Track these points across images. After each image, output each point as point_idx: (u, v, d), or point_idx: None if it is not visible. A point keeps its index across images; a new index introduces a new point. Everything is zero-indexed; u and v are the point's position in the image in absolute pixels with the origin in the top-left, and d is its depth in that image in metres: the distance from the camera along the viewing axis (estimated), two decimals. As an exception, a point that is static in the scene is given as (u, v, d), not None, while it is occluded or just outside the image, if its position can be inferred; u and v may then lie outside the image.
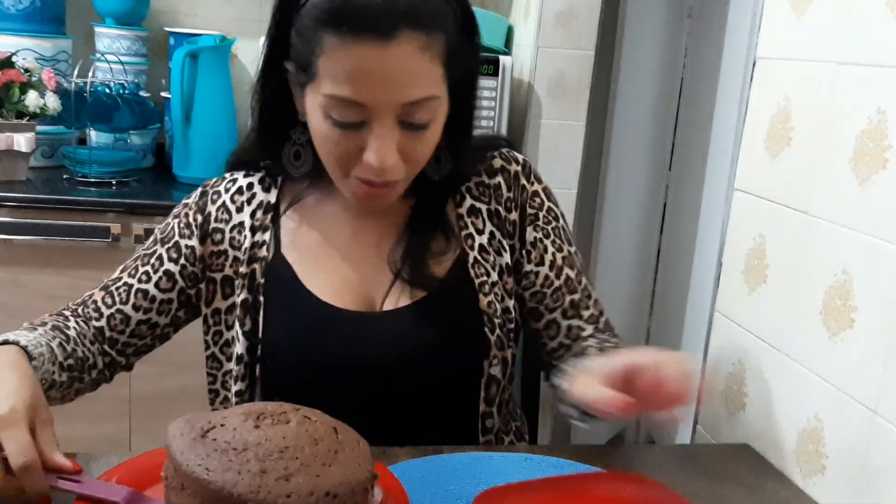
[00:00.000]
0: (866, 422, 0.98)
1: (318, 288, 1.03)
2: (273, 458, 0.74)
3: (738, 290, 1.25)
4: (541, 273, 1.10)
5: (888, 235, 0.96)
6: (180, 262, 1.06)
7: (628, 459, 1.07)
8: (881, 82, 0.98)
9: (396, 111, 0.90)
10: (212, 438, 0.75)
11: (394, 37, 0.86)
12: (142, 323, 1.06)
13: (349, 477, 0.75)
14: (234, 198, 1.08)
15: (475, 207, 1.08)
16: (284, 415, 0.79)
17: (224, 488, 0.71)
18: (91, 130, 2.23)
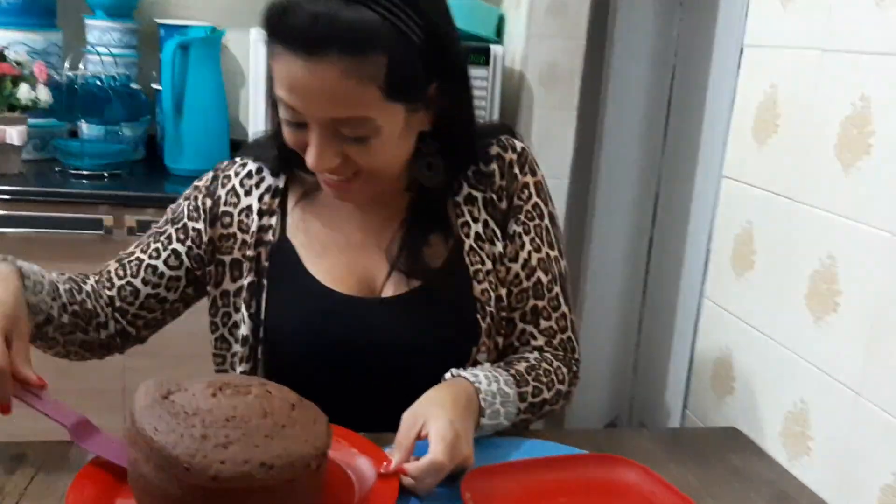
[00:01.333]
0: (850, 404, 0.99)
1: (321, 273, 1.06)
2: (217, 426, 0.77)
3: (726, 276, 1.27)
4: (512, 269, 1.09)
5: (872, 220, 0.97)
6: (187, 244, 1.09)
7: (618, 443, 1.08)
8: (864, 69, 1.00)
9: (327, 124, 0.92)
10: (171, 401, 0.80)
11: (319, 57, 0.87)
12: (150, 297, 1.09)
13: (289, 451, 0.78)
14: (244, 181, 1.10)
15: (472, 196, 1.09)
16: (247, 388, 0.82)
17: (165, 448, 0.75)
18: (82, 123, 2.23)
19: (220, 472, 0.75)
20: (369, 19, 0.87)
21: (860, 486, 0.97)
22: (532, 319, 1.10)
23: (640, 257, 2.42)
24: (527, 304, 1.09)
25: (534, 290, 1.09)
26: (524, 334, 1.10)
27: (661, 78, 2.35)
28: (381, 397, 1.02)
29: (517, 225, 1.09)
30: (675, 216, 2.26)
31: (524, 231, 1.09)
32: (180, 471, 0.75)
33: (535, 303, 1.09)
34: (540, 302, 1.09)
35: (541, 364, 1.07)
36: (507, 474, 0.93)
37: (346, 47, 0.87)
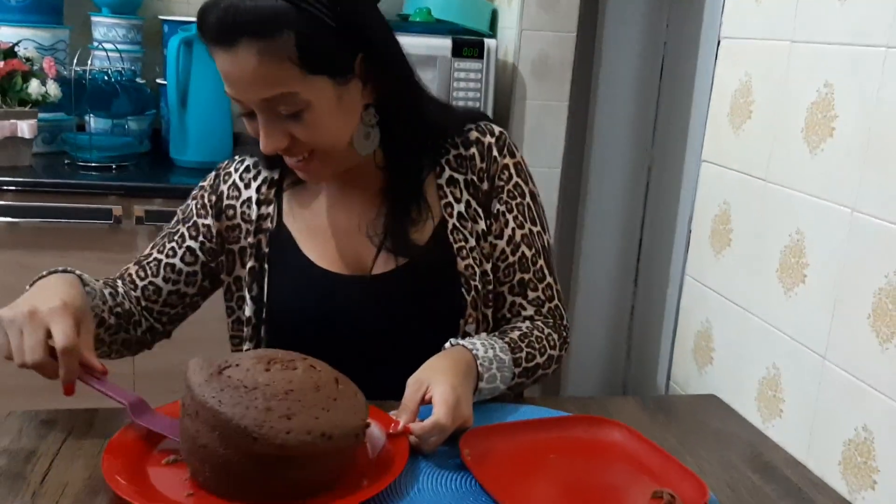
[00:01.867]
0: (817, 367, 1.08)
1: (315, 255, 1.14)
2: (278, 399, 0.84)
3: (706, 254, 1.35)
4: (498, 246, 1.17)
5: (835, 198, 1.05)
6: (199, 240, 1.18)
7: (605, 410, 1.16)
8: (828, 58, 1.08)
9: (261, 106, 1.00)
10: (227, 376, 0.86)
11: (235, 46, 0.96)
12: (172, 293, 1.18)
13: (344, 422, 0.86)
14: (243, 175, 1.19)
15: (454, 178, 1.17)
16: (292, 362, 0.89)
17: (233, 419, 0.82)
18: (90, 117, 2.30)
19: (287, 441, 0.81)
20: (271, 4, 0.96)
21: (826, 442, 1.06)
22: (520, 291, 1.18)
23: (632, 243, 2.50)
24: (514, 278, 1.18)
25: (519, 264, 1.17)
26: (514, 306, 1.19)
27: (651, 69, 2.42)
28: (376, 368, 1.10)
29: (500, 204, 1.17)
30: (665, 201, 2.34)
31: (507, 210, 1.17)
32: (248, 440, 0.81)
33: (522, 276, 1.18)
34: (526, 275, 1.18)
35: (532, 332, 1.15)
36: (502, 434, 1.02)
37: (255, 31, 0.96)
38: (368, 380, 1.07)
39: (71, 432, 1.01)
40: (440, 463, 0.96)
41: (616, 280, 2.49)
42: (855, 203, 1.02)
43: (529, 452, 0.99)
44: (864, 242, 1.00)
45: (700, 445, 1.10)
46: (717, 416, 1.22)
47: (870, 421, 0.98)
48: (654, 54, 2.41)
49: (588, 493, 0.93)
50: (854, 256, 1.02)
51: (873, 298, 0.98)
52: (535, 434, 1.03)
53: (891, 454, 0.95)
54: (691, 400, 1.30)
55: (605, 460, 1.00)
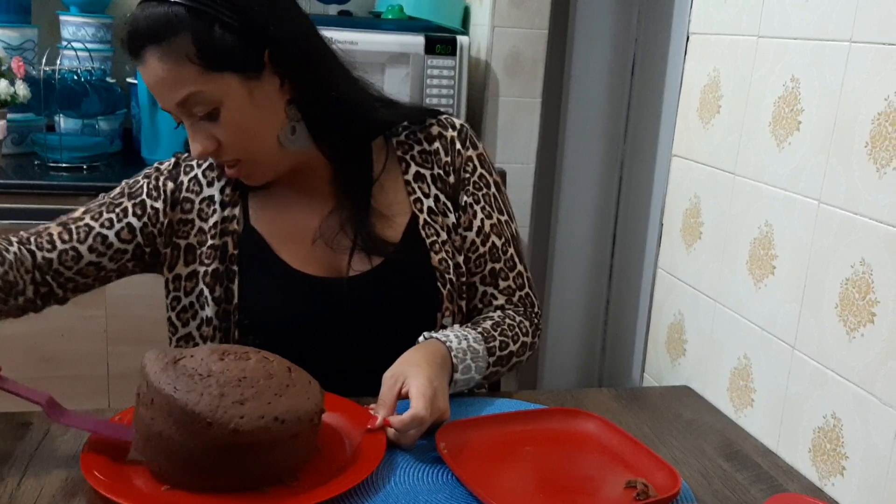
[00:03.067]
0: (786, 356, 1.10)
1: (289, 257, 1.13)
2: (231, 386, 0.86)
3: (678, 247, 1.37)
4: (468, 238, 1.19)
5: (802, 190, 1.07)
6: (143, 220, 1.13)
7: (580, 402, 1.17)
8: (794, 53, 1.10)
9: (179, 111, 1.04)
10: (182, 365, 0.88)
11: (142, 56, 1.02)
12: (91, 264, 1.12)
13: (297, 406, 0.88)
14: (206, 172, 1.17)
15: (420, 174, 1.18)
16: (246, 353, 0.91)
17: (188, 405, 0.83)
18: (59, 117, 2.28)
19: (240, 426, 0.83)
20: (165, 11, 1.00)
21: (796, 430, 1.08)
22: (491, 281, 1.20)
23: (605, 237, 2.52)
24: (485, 268, 1.20)
25: (490, 254, 1.19)
26: (486, 296, 1.20)
27: (622, 65, 2.44)
28: (356, 367, 1.10)
29: (467, 196, 1.19)
30: (637, 195, 2.37)
31: (474, 201, 1.19)
32: (202, 426, 0.83)
33: (493, 265, 1.20)
34: (497, 264, 1.20)
35: (504, 320, 1.16)
36: (478, 427, 1.03)
37: (152, 38, 1.01)
38: (349, 378, 1.08)
39: (47, 434, 1.01)
40: (417, 456, 0.97)
41: (590, 274, 2.52)
42: (821, 195, 1.04)
43: (505, 445, 1.01)
44: (830, 234, 1.02)
45: (673, 435, 1.12)
46: (690, 406, 1.24)
47: (838, 408, 1.01)
48: (625, 50, 2.43)
49: (563, 484, 0.94)
50: (821, 248, 1.04)
51: (840, 289, 1.00)
52: (511, 427, 1.04)
53: (859, 441, 0.97)
54: (664, 391, 1.32)
55: (580, 451, 1.01)
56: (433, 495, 0.90)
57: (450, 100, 2.23)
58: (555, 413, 1.08)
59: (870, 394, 0.95)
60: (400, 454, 0.97)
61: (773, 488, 1.01)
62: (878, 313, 0.94)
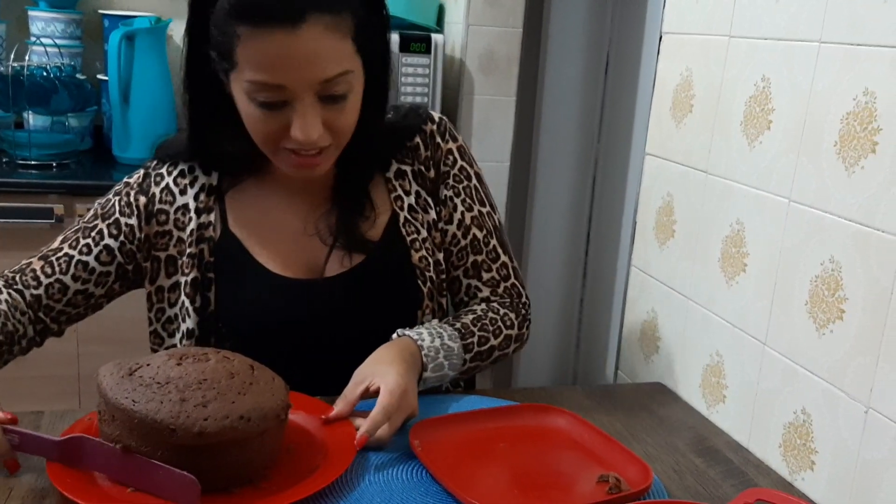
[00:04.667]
0: (758, 352, 1.11)
1: (267, 260, 1.12)
2: (192, 389, 0.85)
3: (651, 245, 1.38)
4: (449, 231, 1.18)
5: (773, 188, 1.09)
6: (119, 239, 1.12)
7: (553, 400, 1.18)
8: (765, 53, 1.11)
9: (315, 89, 0.97)
10: (138, 376, 0.86)
11: (302, 22, 0.93)
12: (78, 293, 1.11)
13: (262, 404, 0.87)
14: (177, 180, 1.14)
15: (401, 170, 1.17)
16: (205, 355, 0.90)
17: (148, 416, 0.82)
18: (28, 114, 2.25)
19: (205, 428, 0.82)
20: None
21: (767, 426, 1.09)
22: (475, 273, 1.19)
23: (580, 235, 2.53)
24: (468, 261, 1.19)
25: (472, 246, 1.19)
26: (470, 289, 1.20)
27: (596, 64, 2.45)
28: (337, 368, 1.09)
29: (447, 189, 1.18)
30: (611, 194, 2.38)
31: (454, 194, 1.18)
32: (166, 433, 0.81)
33: (475, 258, 1.19)
34: (479, 256, 1.19)
35: (487, 314, 1.16)
36: (451, 424, 1.03)
37: (323, 5, 0.95)
38: (330, 379, 1.07)
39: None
40: (390, 454, 0.97)
41: (565, 273, 2.53)
42: (791, 194, 1.05)
43: (478, 441, 1.01)
44: (800, 231, 1.03)
45: (646, 432, 1.13)
46: (663, 403, 1.25)
47: (808, 404, 1.02)
48: (599, 49, 2.44)
49: (536, 480, 0.95)
50: (791, 245, 1.05)
51: (810, 286, 1.01)
52: (484, 423, 1.04)
53: (828, 436, 0.99)
54: (637, 388, 1.33)
55: (553, 447, 1.01)
56: (408, 493, 0.90)
57: (424, 98, 2.23)
58: (527, 409, 1.08)
59: (839, 389, 0.97)
60: (373, 453, 0.97)
61: (744, 483, 1.02)
62: (846, 310, 0.96)
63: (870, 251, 0.92)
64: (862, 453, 0.93)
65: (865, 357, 0.93)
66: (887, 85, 0.91)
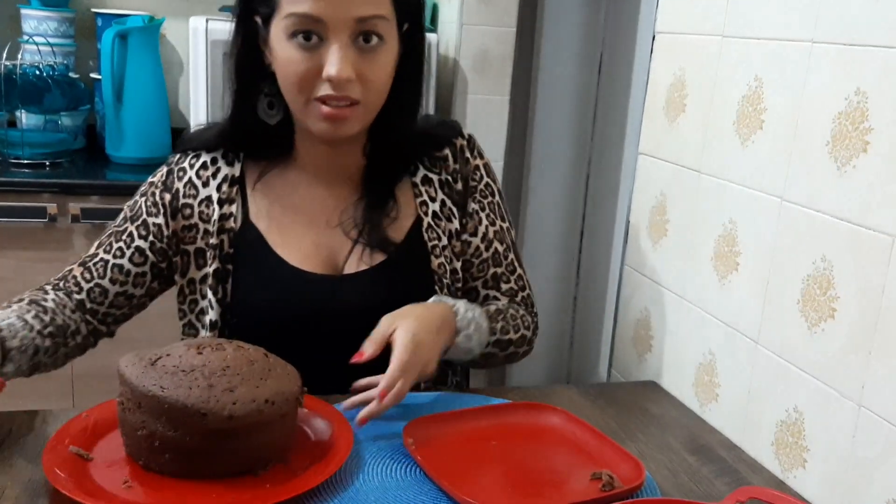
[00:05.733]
0: (750, 351, 1.12)
1: (287, 253, 1.13)
2: (217, 376, 0.87)
3: (644, 244, 1.38)
4: (472, 243, 1.21)
5: (765, 187, 1.09)
6: (149, 239, 1.14)
7: (547, 398, 1.18)
8: (758, 53, 1.11)
9: (350, 27, 1.01)
10: (161, 365, 0.88)
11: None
12: (119, 295, 1.15)
13: (283, 388, 0.91)
14: (200, 173, 1.15)
15: (428, 177, 1.19)
16: (220, 345, 0.93)
17: (179, 401, 0.85)
18: (21, 112, 2.24)
19: (234, 411, 0.85)
20: None
21: (759, 424, 1.10)
22: (494, 285, 1.23)
23: (573, 235, 2.54)
24: (487, 273, 1.22)
25: (493, 259, 1.22)
26: (488, 299, 1.23)
27: (589, 64, 2.46)
28: (341, 368, 1.09)
29: (475, 203, 1.21)
30: (605, 193, 2.39)
31: (480, 208, 1.22)
32: (197, 418, 0.84)
33: (495, 270, 1.23)
34: (499, 269, 1.23)
35: (508, 310, 1.19)
36: (445, 422, 1.03)
37: None
38: (338, 378, 1.07)
39: (10, 434, 0.99)
40: (384, 451, 0.97)
41: (558, 271, 2.53)
42: (783, 192, 1.06)
43: (472, 439, 1.01)
44: (792, 230, 1.04)
45: (639, 430, 1.13)
46: (656, 401, 1.26)
47: (800, 402, 1.02)
48: (592, 49, 2.45)
49: (530, 477, 0.95)
50: (784, 244, 1.06)
51: (802, 284, 1.02)
52: (478, 421, 1.05)
53: (820, 434, 0.99)
54: (631, 387, 1.34)
55: (545, 444, 1.02)
56: (402, 491, 0.90)
57: (418, 97, 2.23)
58: (520, 407, 1.08)
59: (830, 387, 0.97)
60: (367, 450, 0.97)
61: (737, 481, 1.02)
62: (838, 308, 0.96)
63: (861, 250, 0.93)
64: (854, 451, 0.94)
65: (857, 355, 0.93)
66: (879, 85, 0.92)
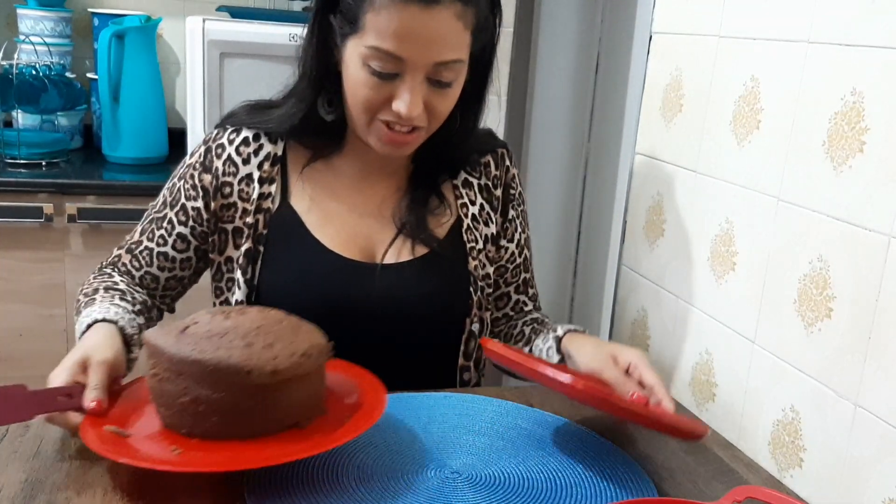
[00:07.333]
0: (747, 351, 1.12)
1: (325, 237, 1.13)
2: (252, 335, 0.89)
3: (641, 244, 1.39)
4: (509, 249, 1.25)
5: (762, 187, 1.09)
6: (189, 224, 1.15)
7: (544, 398, 1.18)
8: (754, 53, 1.12)
9: (428, 69, 1.02)
10: (192, 332, 0.90)
11: (437, 4, 0.99)
12: (170, 279, 1.18)
13: (315, 342, 0.93)
14: (240, 149, 1.15)
15: (469, 181, 1.21)
16: (243, 309, 0.95)
17: (221, 362, 0.86)
18: (17, 112, 2.24)
19: (277, 366, 0.87)
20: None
21: (756, 423, 1.10)
22: (523, 290, 1.28)
23: (570, 235, 2.54)
24: (519, 278, 1.27)
25: (523, 264, 1.27)
26: (518, 303, 1.27)
27: (586, 64, 2.46)
28: (371, 360, 1.08)
29: (513, 210, 1.25)
30: (602, 193, 2.39)
31: (516, 215, 1.26)
32: (241, 376, 0.86)
33: (525, 275, 1.28)
34: (527, 274, 1.29)
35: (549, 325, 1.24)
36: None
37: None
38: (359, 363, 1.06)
39: (6, 435, 0.99)
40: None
41: (555, 271, 2.53)
42: (780, 192, 1.06)
43: None
44: (789, 230, 1.04)
45: (636, 430, 1.13)
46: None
47: (797, 402, 1.03)
48: (589, 50, 2.45)
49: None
50: (780, 244, 1.06)
51: (798, 284, 1.02)
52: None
53: (816, 433, 0.99)
54: (628, 386, 1.33)
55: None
56: (448, 431, 0.90)
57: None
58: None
59: (827, 387, 0.98)
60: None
61: (734, 481, 1.02)
62: (834, 308, 0.96)
63: (858, 250, 0.93)
64: (850, 450, 0.94)
65: (853, 355, 0.94)
66: (875, 85, 0.92)
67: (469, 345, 1.18)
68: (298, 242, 1.12)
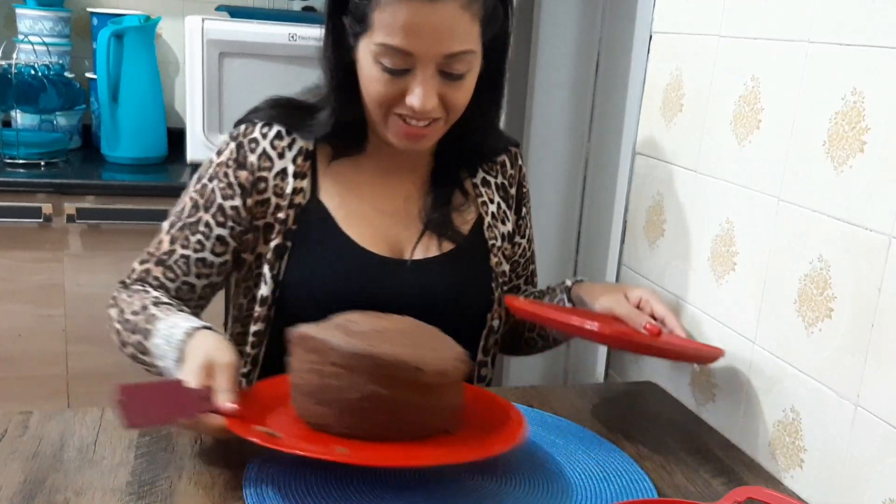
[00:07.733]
0: (747, 351, 1.12)
1: (355, 234, 1.13)
2: (413, 337, 0.91)
3: (641, 244, 1.38)
4: (521, 244, 1.29)
5: (762, 187, 1.09)
6: (228, 225, 1.12)
7: (544, 398, 1.18)
8: (755, 52, 1.11)
9: (438, 61, 1.02)
10: (357, 330, 0.90)
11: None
12: (206, 287, 1.15)
13: (459, 349, 0.95)
14: (274, 143, 1.13)
15: (486, 180, 1.23)
16: (378, 315, 0.97)
17: (398, 359, 0.86)
18: (16, 112, 2.23)
19: (446, 367, 0.88)
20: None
21: (756, 424, 1.10)
22: (531, 280, 1.34)
23: (570, 234, 2.54)
24: (528, 270, 1.32)
25: (532, 258, 1.33)
26: (524, 293, 1.31)
27: (586, 64, 2.46)
28: None
29: (525, 207, 1.29)
30: (602, 193, 2.38)
31: (527, 212, 1.29)
32: (413, 373, 0.86)
33: (532, 267, 1.34)
34: (534, 266, 1.34)
35: None
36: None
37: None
38: None
39: (5, 435, 0.99)
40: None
41: (555, 271, 2.53)
42: (780, 192, 1.06)
43: None
44: (789, 230, 1.04)
45: (637, 430, 1.13)
46: (654, 401, 1.25)
47: (797, 402, 1.02)
48: (589, 49, 2.44)
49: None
50: (780, 244, 1.06)
51: (799, 284, 1.02)
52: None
53: (817, 434, 0.99)
54: (629, 387, 1.34)
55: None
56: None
57: (415, 98, 2.22)
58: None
59: (827, 387, 0.97)
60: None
61: (734, 481, 1.02)
62: (835, 308, 0.96)
63: (858, 250, 0.93)
64: (850, 451, 0.94)
65: (854, 355, 0.93)
66: (876, 84, 0.92)
67: (488, 340, 1.20)
68: (328, 239, 1.12)
